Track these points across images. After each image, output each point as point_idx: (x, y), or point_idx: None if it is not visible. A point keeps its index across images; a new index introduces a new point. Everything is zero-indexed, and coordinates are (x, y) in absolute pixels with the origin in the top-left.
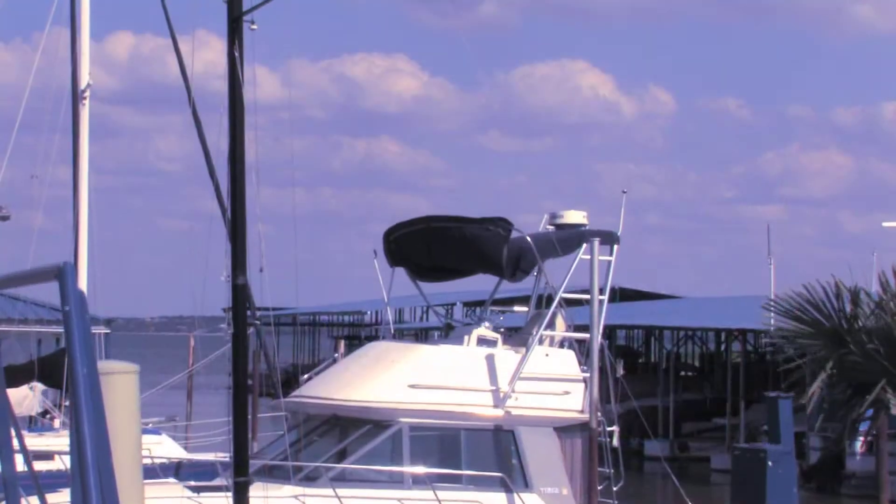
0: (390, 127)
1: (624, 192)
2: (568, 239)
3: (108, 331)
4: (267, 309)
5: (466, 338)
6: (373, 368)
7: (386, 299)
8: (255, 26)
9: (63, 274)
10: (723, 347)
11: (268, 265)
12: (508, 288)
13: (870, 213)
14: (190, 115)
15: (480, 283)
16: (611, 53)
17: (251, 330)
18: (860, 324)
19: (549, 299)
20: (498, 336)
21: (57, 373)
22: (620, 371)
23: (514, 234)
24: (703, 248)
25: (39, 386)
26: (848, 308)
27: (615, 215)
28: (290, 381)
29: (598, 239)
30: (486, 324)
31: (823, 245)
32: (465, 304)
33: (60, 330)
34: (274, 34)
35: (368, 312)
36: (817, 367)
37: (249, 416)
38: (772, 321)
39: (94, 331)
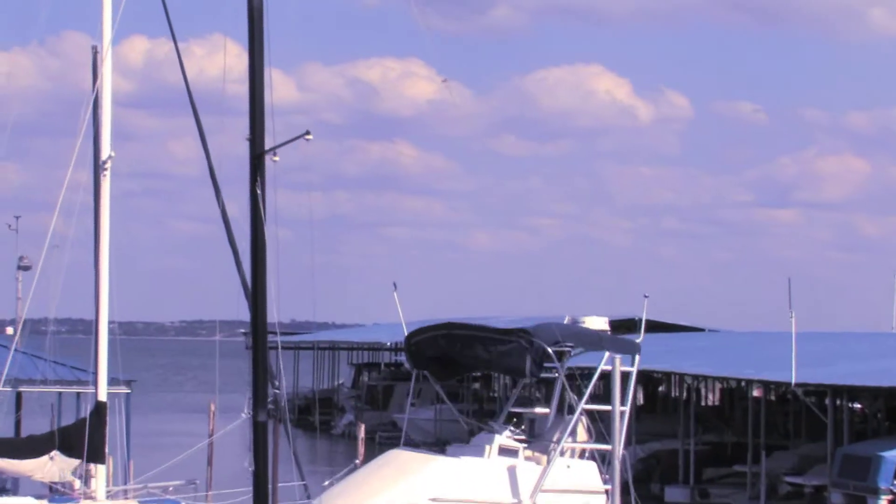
0: (405, 131)
1: (646, 297)
2: (589, 338)
3: (130, 391)
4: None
5: (488, 447)
6: (394, 480)
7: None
8: (276, 158)
9: None
10: (743, 385)
11: (284, 272)
12: None
13: (886, 216)
14: (205, 119)
15: (495, 311)
16: (626, 57)
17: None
18: None
19: (571, 407)
20: (519, 446)
21: (78, 443)
22: (640, 400)
23: (535, 345)
24: (718, 252)
25: (59, 455)
26: None
27: (631, 220)
28: (310, 408)
29: (619, 357)
30: (508, 432)
31: (839, 249)
32: None
33: (81, 389)
34: (289, 38)
35: (388, 343)
36: None
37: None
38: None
39: (114, 391)
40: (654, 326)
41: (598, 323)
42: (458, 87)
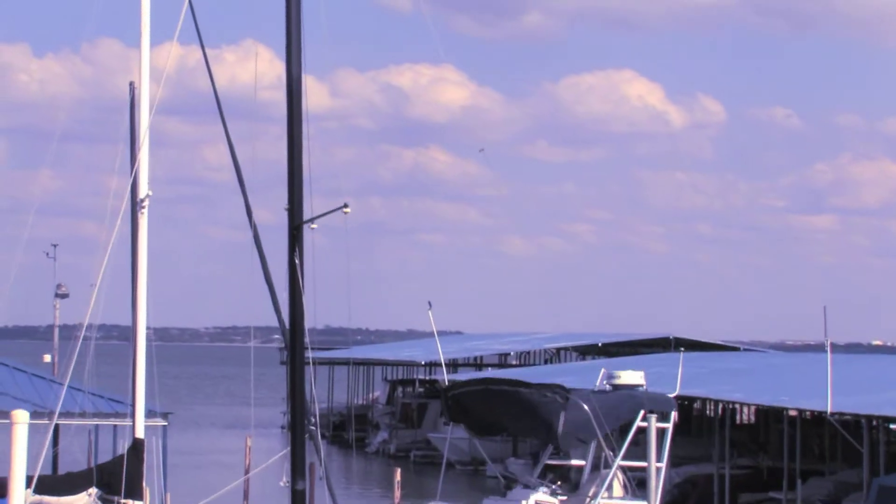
0: (438, 136)
1: (682, 351)
2: (626, 408)
3: (166, 423)
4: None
5: (524, 503)
6: None
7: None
8: (314, 226)
9: None
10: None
11: (320, 278)
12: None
13: None
14: (239, 125)
15: (533, 325)
16: (659, 63)
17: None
18: None
19: (607, 461)
20: (555, 501)
21: (115, 480)
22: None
23: (571, 401)
24: (754, 258)
25: (95, 491)
26: None
27: (663, 225)
28: (345, 424)
29: (655, 416)
30: (544, 487)
31: (876, 254)
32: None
33: (118, 422)
34: (322, 44)
35: (423, 361)
36: None
37: None
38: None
39: (150, 423)
40: (689, 346)
41: (633, 378)
42: (489, 92)
